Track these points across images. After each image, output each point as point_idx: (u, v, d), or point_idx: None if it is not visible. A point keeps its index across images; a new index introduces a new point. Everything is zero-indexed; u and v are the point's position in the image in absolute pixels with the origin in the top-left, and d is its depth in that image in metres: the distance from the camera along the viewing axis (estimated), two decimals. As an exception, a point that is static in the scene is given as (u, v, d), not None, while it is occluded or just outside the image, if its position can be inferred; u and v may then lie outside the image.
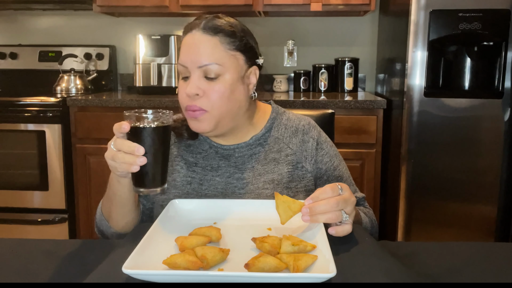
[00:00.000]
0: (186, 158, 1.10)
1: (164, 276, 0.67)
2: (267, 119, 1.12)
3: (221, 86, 0.98)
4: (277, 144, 1.10)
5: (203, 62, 0.97)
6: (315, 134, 1.13)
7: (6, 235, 2.47)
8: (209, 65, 0.97)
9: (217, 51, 0.98)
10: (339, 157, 1.16)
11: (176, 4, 2.65)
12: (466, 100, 2.17)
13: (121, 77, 3.13)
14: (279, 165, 1.08)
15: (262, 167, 1.07)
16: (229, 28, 1.00)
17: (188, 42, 0.99)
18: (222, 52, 0.98)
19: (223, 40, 0.99)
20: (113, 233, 1.04)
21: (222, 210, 0.94)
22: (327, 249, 0.72)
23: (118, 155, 0.83)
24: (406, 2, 2.18)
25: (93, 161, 2.46)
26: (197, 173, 1.07)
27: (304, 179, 1.09)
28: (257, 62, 1.06)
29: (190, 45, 0.99)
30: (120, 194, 0.95)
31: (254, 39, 1.07)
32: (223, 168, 1.07)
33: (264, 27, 2.96)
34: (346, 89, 2.84)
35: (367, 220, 1.08)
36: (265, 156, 1.08)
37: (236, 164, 1.07)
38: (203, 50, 0.97)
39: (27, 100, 2.43)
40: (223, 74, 0.98)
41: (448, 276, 0.75)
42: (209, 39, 0.98)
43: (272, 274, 0.67)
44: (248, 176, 1.06)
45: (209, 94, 0.97)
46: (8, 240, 0.90)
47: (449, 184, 2.22)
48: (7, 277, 0.74)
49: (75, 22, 3.09)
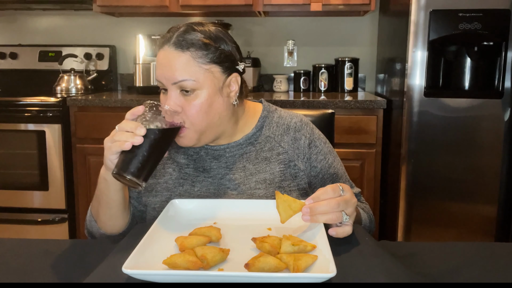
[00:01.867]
0: (178, 160, 1.09)
1: (164, 276, 0.67)
2: (258, 118, 1.11)
3: (198, 101, 0.96)
4: (268, 143, 1.09)
5: (177, 78, 0.95)
6: (307, 132, 1.11)
7: (6, 235, 2.47)
8: (183, 81, 0.95)
9: (190, 66, 0.95)
10: (333, 153, 1.14)
11: (176, 4, 2.64)
12: (466, 100, 2.17)
13: (121, 77, 3.13)
14: (270, 164, 1.07)
15: (254, 166, 1.06)
16: (201, 40, 0.96)
17: (161, 58, 0.97)
18: (194, 67, 0.95)
19: (194, 54, 0.95)
20: (102, 234, 1.03)
21: (222, 210, 0.94)
22: (327, 249, 0.72)
23: (118, 133, 0.84)
24: (406, 2, 2.18)
25: (93, 161, 2.46)
26: (189, 175, 1.07)
27: (297, 177, 1.08)
28: (237, 69, 1.02)
29: (162, 62, 0.97)
30: (107, 193, 0.95)
31: (233, 44, 1.02)
32: (215, 169, 1.06)
33: (264, 27, 2.96)
34: (346, 89, 2.84)
35: (366, 217, 1.08)
36: (256, 156, 1.07)
37: (227, 164, 1.07)
38: (176, 67, 0.95)
39: (27, 100, 2.43)
40: (199, 89, 0.96)
41: (448, 276, 0.75)
42: (180, 54, 0.95)
43: (272, 274, 0.67)
44: (240, 176, 1.05)
45: (187, 110, 0.96)
46: (8, 240, 0.90)
47: (449, 184, 2.22)
48: (7, 277, 0.74)
49: (75, 22, 3.09)
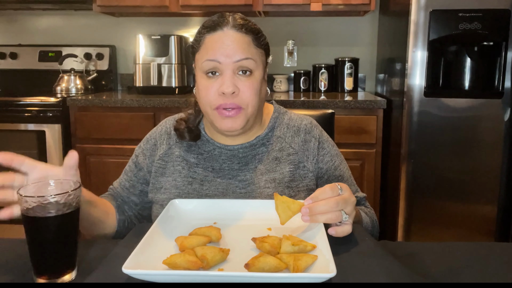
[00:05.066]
0: (188, 158, 1.09)
1: (164, 276, 0.67)
2: (270, 119, 1.13)
3: (254, 82, 0.99)
4: (279, 143, 1.10)
5: (240, 56, 0.97)
6: (317, 134, 1.12)
7: (6, 235, 2.47)
8: (245, 59, 0.97)
9: (251, 47, 0.99)
10: (340, 156, 1.16)
11: (176, 4, 2.65)
12: (466, 100, 2.17)
13: (121, 77, 3.13)
14: (281, 164, 1.07)
15: (264, 166, 1.07)
16: (256, 26, 1.03)
17: (221, 38, 0.98)
18: (254, 49, 1.00)
19: (253, 38, 1.00)
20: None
21: (222, 210, 0.94)
22: (327, 249, 0.72)
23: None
24: (406, 2, 2.18)
25: (93, 161, 2.46)
26: (198, 174, 1.07)
27: (306, 178, 1.08)
28: (268, 61, 1.08)
29: (224, 41, 0.97)
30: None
31: None
32: (226, 170, 1.07)
33: (264, 27, 2.93)
34: (346, 89, 2.84)
35: (368, 220, 1.08)
36: (267, 156, 1.08)
37: (240, 165, 1.07)
38: (239, 46, 0.97)
39: (27, 100, 2.43)
40: (255, 71, 0.99)
41: (448, 276, 0.75)
42: (242, 36, 0.98)
43: (272, 274, 0.67)
44: (251, 176, 1.06)
45: (244, 91, 0.97)
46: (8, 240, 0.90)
47: (449, 184, 2.22)
48: (7, 277, 0.74)
49: (75, 22, 3.09)
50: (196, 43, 1.02)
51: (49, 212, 0.69)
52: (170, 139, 1.12)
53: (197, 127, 1.11)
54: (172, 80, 2.70)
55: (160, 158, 1.10)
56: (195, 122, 1.11)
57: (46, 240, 0.70)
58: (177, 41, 2.68)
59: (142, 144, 1.15)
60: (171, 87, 2.70)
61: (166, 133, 1.13)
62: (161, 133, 1.14)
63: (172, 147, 1.11)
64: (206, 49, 0.99)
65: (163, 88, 2.70)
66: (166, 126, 1.14)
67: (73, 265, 0.74)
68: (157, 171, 1.10)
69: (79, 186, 0.74)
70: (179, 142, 1.11)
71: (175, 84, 2.70)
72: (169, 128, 1.14)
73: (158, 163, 1.10)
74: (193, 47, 1.04)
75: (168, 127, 1.14)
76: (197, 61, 1.02)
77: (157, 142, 1.13)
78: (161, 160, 1.10)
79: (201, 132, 1.11)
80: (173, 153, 1.10)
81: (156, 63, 2.67)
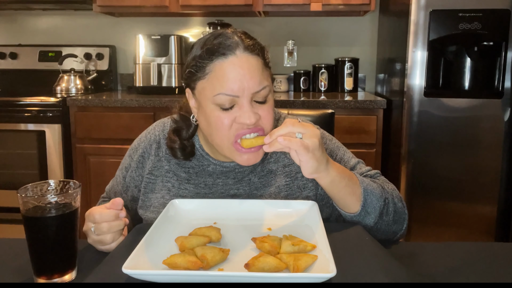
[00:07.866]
0: (178, 173, 1.04)
1: (164, 276, 0.67)
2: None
3: (270, 107, 0.92)
4: (274, 153, 1.04)
5: (259, 87, 0.88)
6: None
7: (6, 235, 2.47)
8: (264, 88, 0.89)
9: (264, 71, 0.91)
10: (342, 149, 1.09)
11: (176, 4, 2.65)
12: (466, 100, 2.17)
13: (121, 77, 3.13)
14: (276, 177, 1.03)
15: (259, 180, 1.03)
16: (260, 43, 0.94)
17: (235, 66, 0.87)
18: (265, 71, 0.92)
19: (262, 58, 0.92)
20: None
21: (222, 210, 0.94)
22: (327, 249, 0.72)
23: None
24: (406, 2, 2.18)
25: (93, 161, 2.46)
26: (189, 191, 1.02)
27: (305, 189, 1.03)
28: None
29: (239, 71, 0.87)
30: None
31: None
32: (219, 185, 1.02)
33: (264, 27, 2.96)
34: (346, 89, 2.84)
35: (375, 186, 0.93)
36: (262, 168, 1.03)
37: (235, 180, 1.02)
38: (255, 73, 0.88)
39: (27, 100, 2.43)
40: (269, 94, 0.92)
41: (448, 276, 0.75)
42: (255, 59, 0.90)
43: (272, 274, 0.67)
44: (244, 191, 1.02)
45: (264, 117, 0.90)
46: (8, 240, 0.90)
47: (449, 184, 2.22)
48: (7, 277, 0.74)
49: (75, 22, 3.09)
50: (200, 70, 0.90)
51: (49, 212, 0.70)
52: (159, 149, 1.06)
53: (190, 140, 1.04)
54: (172, 80, 2.70)
55: (149, 173, 1.05)
56: (187, 135, 1.03)
57: (46, 240, 0.71)
58: (177, 41, 2.68)
59: (132, 153, 1.10)
60: (171, 87, 2.70)
61: (156, 142, 1.07)
62: (150, 142, 1.07)
63: (161, 159, 1.05)
64: (218, 79, 0.88)
65: (163, 88, 2.70)
66: (155, 134, 1.08)
67: (73, 265, 0.74)
68: (147, 186, 1.05)
69: (79, 186, 0.75)
70: (169, 155, 1.05)
71: (175, 84, 2.70)
72: (158, 136, 1.07)
73: (148, 177, 1.05)
74: (194, 72, 0.92)
75: (157, 134, 1.07)
76: (203, 90, 0.91)
77: (145, 154, 1.07)
78: (150, 175, 1.05)
79: (196, 146, 1.04)
80: (162, 167, 1.05)
81: (156, 63, 2.67)
